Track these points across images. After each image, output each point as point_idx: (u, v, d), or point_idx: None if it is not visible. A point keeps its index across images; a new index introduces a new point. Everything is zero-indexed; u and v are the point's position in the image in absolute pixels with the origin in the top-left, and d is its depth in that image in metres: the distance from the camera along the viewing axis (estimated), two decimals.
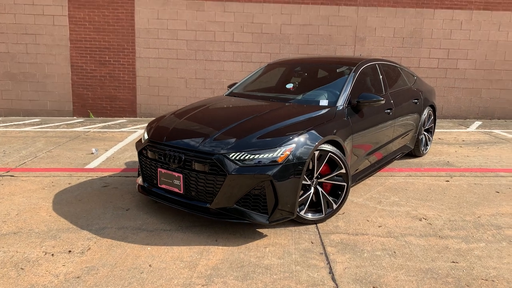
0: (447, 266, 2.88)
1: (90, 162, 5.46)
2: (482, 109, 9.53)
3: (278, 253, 3.05)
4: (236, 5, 8.88)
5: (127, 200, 4.09)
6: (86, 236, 3.28)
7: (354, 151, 4.02)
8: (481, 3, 9.02)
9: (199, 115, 4.00)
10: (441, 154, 6.04)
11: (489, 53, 9.28)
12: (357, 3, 8.94)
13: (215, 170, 3.18)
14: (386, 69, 5.24)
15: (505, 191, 4.47)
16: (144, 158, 3.71)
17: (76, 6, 8.81)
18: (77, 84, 9.13)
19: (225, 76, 9.16)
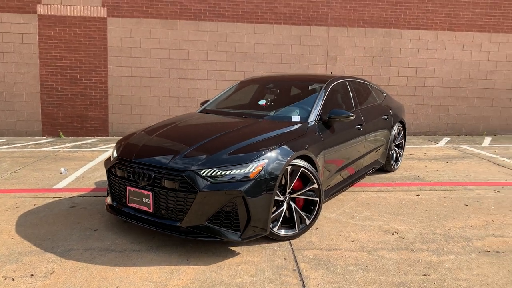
0: (419, 279, 2.89)
1: (58, 182, 5.28)
2: (450, 125, 9.84)
3: (250, 271, 2.99)
4: (209, 24, 8.96)
5: (96, 221, 3.96)
6: (50, 259, 3.14)
7: (326, 166, 4.04)
8: (445, 24, 9.42)
9: (170, 132, 3.95)
10: (411, 169, 6.16)
11: (454, 72, 9.64)
12: (328, 23, 9.18)
13: (185, 187, 3.13)
14: (356, 86, 5.35)
15: (473, 203, 4.58)
16: (113, 177, 3.62)
17: (47, 24, 8.69)
18: (46, 103, 8.92)
19: (199, 94, 9.15)
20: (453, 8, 9.37)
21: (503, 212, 4.29)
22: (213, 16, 8.94)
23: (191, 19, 8.92)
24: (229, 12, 8.95)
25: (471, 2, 9.37)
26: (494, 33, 9.53)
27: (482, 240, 3.58)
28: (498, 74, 9.71)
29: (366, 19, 9.24)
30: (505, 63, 9.67)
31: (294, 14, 9.09)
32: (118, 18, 8.78)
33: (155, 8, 8.81)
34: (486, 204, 4.56)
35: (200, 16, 8.92)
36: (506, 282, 2.86)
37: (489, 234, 3.72)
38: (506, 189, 5.16)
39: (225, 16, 8.96)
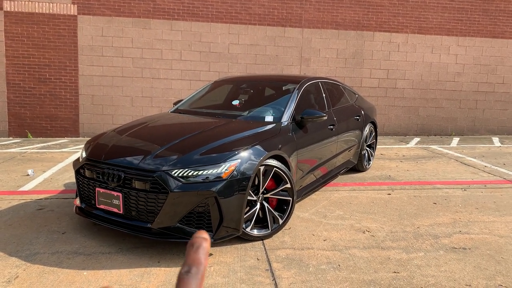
0: (389, 277, 2.94)
1: (24, 184, 5.10)
2: (420, 126, 10.09)
3: (223, 271, 2.97)
4: (183, 23, 8.87)
5: (64, 223, 3.84)
6: (15, 263, 3.02)
7: (299, 166, 4.06)
8: (415, 27, 9.66)
9: (141, 132, 3.88)
10: (383, 169, 6.28)
11: (424, 74, 9.90)
12: (302, 25, 9.25)
13: (156, 188, 3.08)
14: (329, 87, 5.40)
15: (441, 202, 4.70)
16: (81, 178, 3.52)
17: (13, 21, 8.39)
18: (13, 103, 8.61)
19: (173, 94, 9.04)
20: (423, 12, 9.62)
21: (470, 210, 4.43)
22: (187, 16, 8.86)
23: (165, 18, 8.80)
24: (203, 12, 8.89)
25: (439, 6, 9.65)
26: (462, 37, 9.84)
27: (450, 237, 3.68)
28: (465, 77, 10.03)
29: (339, 21, 9.36)
30: (472, 66, 10.00)
31: (269, 15, 9.11)
32: (89, 16, 8.57)
33: (128, 6, 8.65)
34: (453, 202, 4.70)
35: (174, 15, 8.82)
36: (472, 277, 2.95)
37: (456, 231, 3.82)
38: (472, 187, 5.33)
39: (199, 16, 8.89)
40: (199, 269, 0.41)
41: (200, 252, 0.42)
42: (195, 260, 0.41)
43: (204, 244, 0.42)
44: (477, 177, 5.85)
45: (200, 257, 0.41)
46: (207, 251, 0.42)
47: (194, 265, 0.41)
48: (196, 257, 0.41)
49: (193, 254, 0.41)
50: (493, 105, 10.24)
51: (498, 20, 9.88)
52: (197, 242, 0.42)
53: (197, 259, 0.41)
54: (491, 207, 4.55)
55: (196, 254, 0.41)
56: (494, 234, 3.78)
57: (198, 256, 0.41)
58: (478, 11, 9.78)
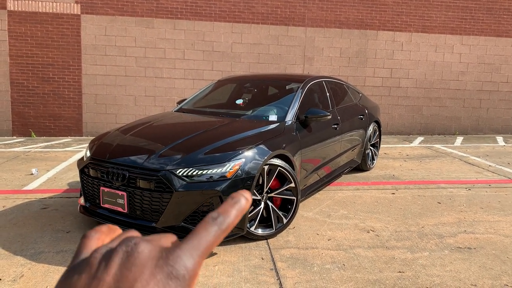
0: (394, 276, 2.93)
1: (29, 184, 5.11)
2: (424, 125, 10.06)
3: (227, 271, 2.97)
4: (186, 23, 8.87)
5: (68, 222, 3.84)
6: (20, 262, 3.02)
7: (303, 166, 4.05)
8: (419, 26, 9.62)
9: (145, 131, 3.88)
10: (387, 168, 6.26)
11: (428, 73, 9.87)
12: (305, 24, 9.23)
13: (161, 187, 3.08)
14: (333, 86, 5.39)
15: (445, 201, 4.69)
16: (86, 177, 3.52)
17: (17, 20, 8.41)
18: (17, 102, 8.63)
19: (176, 93, 9.05)
20: (426, 11, 9.59)
21: (474, 210, 4.41)
22: (190, 15, 8.85)
23: (168, 18, 8.80)
24: (206, 11, 8.88)
25: (443, 5, 9.61)
26: (466, 36, 9.80)
27: (455, 237, 3.67)
28: (469, 76, 9.99)
29: (342, 20, 9.34)
30: (476, 65, 9.96)
31: (272, 14, 9.10)
32: (92, 15, 8.58)
33: (131, 5, 8.66)
34: (458, 201, 4.68)
35: (177, 14, 8.82)
36: (477, 277, 2.93)
37: (461, 231, 3.81)
38: (477, 187, 5.31)
39: (202, 15, 8.89)
40: (225, 220, 0.39)
41: (235, 207, 0.40)
42: (227, 212, 0.39)
43: (243, 201, 0.41)
44: (481, 177, 5.82)
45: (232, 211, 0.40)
46: (243, 209, 0.40)
47: (224, 215, 0.39)
48: (229, 210, 0.40)
49: (228, 206, 0.40)
50: (497, 104, 10.20)
51: (502, 19, 9.83)
52: (237, 197, 0.41)
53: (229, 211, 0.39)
54: (496, 206, 4.53)
55: (231, 207, 0.40)
56: (499, 233, 3.76)
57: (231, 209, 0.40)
58: (482, 9, 9.73)
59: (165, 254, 0.35)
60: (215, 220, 0.38)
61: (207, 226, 0.38)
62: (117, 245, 0.36)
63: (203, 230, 0.38)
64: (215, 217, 0.38)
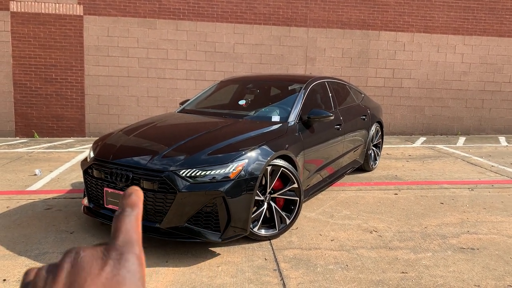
0: (397, 277, 2.93)
1: (32, 184, 5.13)
2: (426, 125, 10.05)
3: (231, 271, 2.97)
4: (188, 23, 8.89)
5: (72, 223, 3.86)
6: (24, 263, 3.04)
7: (306, 166, 4.06)
8: (421, 26, 9.62)
9: (148, 132, 3.89)
10: (389, 169, 6.26)
11: (430, 73, 9.86)
12: (307, 24, 9.24)
13: (164, 188, 3.09)
14: (335, 86, 5.40)
15: (448, 202, 4.68)
16: (89, 178, 3.54)
17: (20, 21, 8.44)
18: (20, 103, 8.66)
19: (178, 94, 9.06)
20: (429, 11, 9.58)
21: (477, 210, 4.41)
22: (192, 16, 8.87)
23: (170, 18, 8.82)
24: (208, 12, 8.90)
25: (445, 5, 9.60)
26: (468, 36, 9.78)
27: (458, 237, 3.67)
28: (472, 76, 9.97)
29: (344, 20, 9.34)
30: (478, 65, 9.94)
31: (274, 15, 9.11)
32: (95, 16, 8.60)
33: (133, 6, 8.68)
34: (461, 202, 4.68)
35: (179, 15, 8.84)
36: (480, 278, 2.93)
37: (464, 231, 3.81)
38: (479, 187, 5.30)
39: (204, 16, 8.90)
40: (133, 209, 0.40)
41: (132, 197, 0.41)
42: (127, 203, 0.40)
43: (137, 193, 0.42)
44: (484, 177, 5.82)
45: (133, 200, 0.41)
46: (140, 196, 0.42)
47: (128, 206, 0.40)
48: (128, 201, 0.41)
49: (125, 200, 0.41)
50: (499, 104, 10.18)
51: (504, 18, 9.82)
52: (128, 192, 0.42)
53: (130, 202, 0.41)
54: (499, 207, 4.53)
55: (128, 199, 0.41)
56: (502, 234, 3.76)
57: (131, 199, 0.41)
58: (484, 9, 9.72)
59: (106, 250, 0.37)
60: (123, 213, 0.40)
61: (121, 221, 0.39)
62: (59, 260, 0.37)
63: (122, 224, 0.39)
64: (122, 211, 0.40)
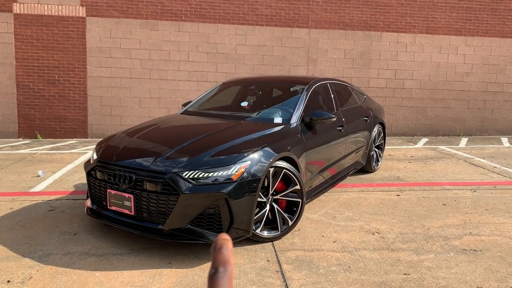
0: (400, 279, 2.94)
1: (35, 186, 5.16)
2: (428, 126, 10.04)
3: (233, 273, 2.98)
4: (190, 25, 8.91)
5: (75, 224, 3.88)
6: (28, 264, 3.06)
7: (308, 168, 4.06)
8: (423, 27, 9.62)
9: (151, 134, 3.91)
10: (391, 170, 6.26)
11: (432, 74, 9.85)
12: (309, 25, 9.25)
13: (167, 190, 3.10)
14: (337, 88, 5.40)
15: (451, 203, 4.68)
16: (92, 179, 3.55)
17: (23, 23, 8.48)
18: (23, 104, 8.70)
19: (180, 95, 9.09)
20: (431, 12, 9.58)
21: (480, 211, 4.40)
22: (195, 17, 8.89)
23: (172, 20, 8.85)
24: (210, 13, 8.92)
25: (447, 6, 9.60)
26: (470, 37, 9.78)
27: (460, 239, 3.67)
28: (474, 77, 9.96)
29: (346, 21, 9.35)
30: (480, 66, 9.93)
31: (276, 16, 9.12)
32: (98, 18, 8.64)
33: (135, 8, 8.71)
34: (463, 203, 4.67)
35: (181, 16, 8.86)
36: (483, 279, 2.93)
37: (466, 233, 3.81)
38: (482, 188, 5.30)
39: (206, 17, 8.92)
40: (226, 268, 0.41)
41: (223, 252, 0.42)
42: (220, 260, 0.41)
43: (227, 244, 0.42)
44: (486, 178, 5.81)
45: (224, 257, 0.41)
46: (230, 250, 0.42)
47: (220, 265, 0.41)
48: (221, 257, 0.41)
49: (218, 255, 0.41)
50: (502, 105, 10.16)
51: (507, 19, 9.80)
52: (219, 244, 0.42)
53: (222, 258, 0.41)
54: (501, 208, 4.53)
55: (220, 254, 0.41)
56: (505, 235, 3.76)
57: (222, 256, 0.41)
58: (486, 10, 9.71)
59: None
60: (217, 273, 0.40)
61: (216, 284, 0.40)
62: None
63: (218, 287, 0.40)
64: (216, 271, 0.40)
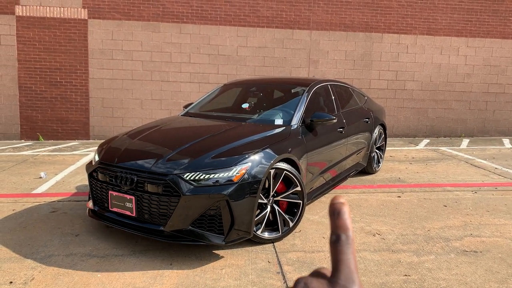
0: (400, 280, 2.95)
1: (37, 187, 5.18)
2: (429, 127, 10.04)
3: (234, 274, 3.00)
4: (192, 27, 8.94)
5: (77, 226, 3.90)
6: (30, 265, 3.08)
7: (309, 169, 4.08)
8: (424, 29, 9.62)
9: (152, 135, 3.93)
10: (392, 171, 6.26)
11: (433, 75, 9.85)
12: (310, 27, 9.27)
13: (169, 191, 3.12)
14: (338, 89, 5.41)
15: (451, 204, 4.69)
16: (94, 181, 3.57)
17: (25, 25, 8.52)
18: (25, 106, 8.73)
19: (182, 97, 9.11)
20: (432, 13, 9.58)
21: (480, 213, 4.41)
22: (196, 19, 8.92)
23: (174, 22, 8.88)
24: (212, 15, 8.95)
25: (448, 7, 9.60)
26: (471, 38, 9.78)
27: (461, 240, 3.67)
28: (475, 78, 9.96)
29: (347, 23, 9.36)
30: (482, 67, 9.93)
31: (277, 18, 9.14)
32: (99, 20, 8.67)
33: (137, 10, 8.74)
34: (464, 205, 4.68)
35: (183, 18, 8.89)
36: (483, 281, 2.94)
37: (467, 234, 3.81)
38: (483, 190, 5.30)
39: (208, 19, 8.95)
40: (347, 234, 0.40)
41: (343, 217, 0.41)
42: (341, 226, 0.40)
43: (344, 208, 0.42)
44: (487, 179, 5.81)
45: (345, 222, 0.41)
46: (349, 214, 0.42)
47: (342, 231, 0.40)
48: (341, 223, 0.41)
49: (338, 221, 0.41)
50: (503, 106, 10.16)
51: (508, 20, 9.80)
52: (336, 209, 0.41)
53: (343, 224, 0.41)
54: (502, 209, 4.53)
55: (340, 220, 0.41)
56: (505, 237, 3.76)
57: (342, 221, 0.41)
58: (487, 12, 9.71)
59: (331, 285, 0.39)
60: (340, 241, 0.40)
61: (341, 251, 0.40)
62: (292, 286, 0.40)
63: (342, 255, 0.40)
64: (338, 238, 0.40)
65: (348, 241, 0.40)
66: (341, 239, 0.40)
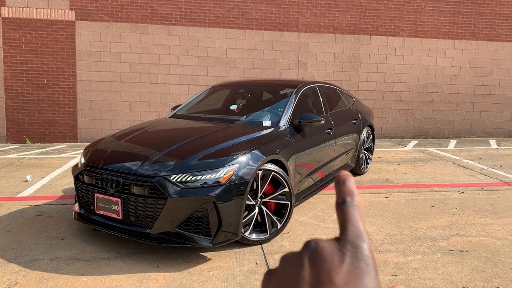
0: (387, 280, 2.96)
1: (23, 190, 5.11)
2: (417, 129, 10.13)
3: (222, 276, 2.98)
4: (180, 28, 8.91)
5: (63, 229, 3.85)
6: (14, 270, 3.03)
7: (297, 170, 4.08)
8: (411, 31, 9.72)
9: (139, 137, 3.90)
10: (380, 172, 6.30)
11: (421, 77, 9.95)
12: (299, 29, 9.30)
13: (155, 194, 3.09)
14: (326, 91, 5.44)
15: (439, 205, 4.73)
16: (80, 184, 3.54)
17: (11, 27, 8.41)
18: (11, 109, 8.62)
19: (171, 99, 9.07)
20: (419, 16, 9.69)
21: (467, 213, 4.45)
22: (185, 21, 8.90)
23: (162, 24, 8.84)
24: (200, 17, 8.93)
25: (435, 10, 9.72)
26: (458, 40, 9.90)
27: (447, 240, 3.71)
28: (462, 79, 10.08)
29: (336, 25, 9.42)
30: (468, 69, 10.06)
31: (266, 20, 9.16)
32: (87, 21, 8.60)
33: (125, 12, 8.69)
34: (451, 205, 4.72)
35: (171, 20, 8.86)
36: (469, 280, 2.97)
37: (453, 234, 3.85)
38: (469, 190, 5.36)
39: (196, 21, 8.93)
40: (353, 197, 0.40)
41: (348, 185, 0.41)
42: (346, 191, 0.41)
43: (350, 178, 0.42)
44: (474, 180, 5.88)
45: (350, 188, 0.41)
46: (353, 183, 0.42)
47: (347, 195, 0.41)
48: (346, 189, 0.41)
49: (343, 187, 0.41)
50: (489, 108, 10.30)
51: (493, 23, 9.95)
52: (342, 178, 0.42)
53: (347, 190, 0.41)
54: (488, 209, 4.58)
55: (345, 186, 0.41)
56: (491, 236, 3.80)
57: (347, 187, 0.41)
58: (474, 14, 9.85)
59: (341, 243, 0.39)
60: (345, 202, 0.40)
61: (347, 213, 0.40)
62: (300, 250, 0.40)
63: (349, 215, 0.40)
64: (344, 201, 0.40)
65: (353, 203, 0.41)
66: (346, 201, 0.41)
